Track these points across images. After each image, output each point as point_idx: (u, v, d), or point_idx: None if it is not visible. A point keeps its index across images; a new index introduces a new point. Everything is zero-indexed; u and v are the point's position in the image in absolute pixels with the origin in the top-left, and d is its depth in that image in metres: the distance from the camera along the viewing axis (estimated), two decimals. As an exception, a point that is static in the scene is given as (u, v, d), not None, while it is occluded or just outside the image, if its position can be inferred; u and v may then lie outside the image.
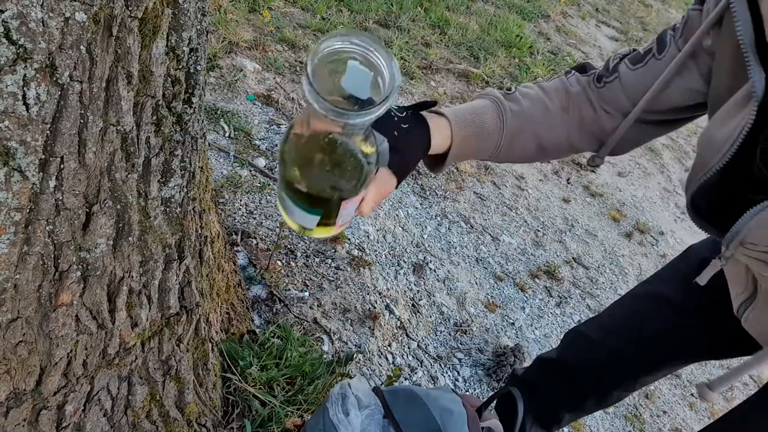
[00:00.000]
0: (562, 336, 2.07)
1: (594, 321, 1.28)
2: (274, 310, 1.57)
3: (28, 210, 0.65)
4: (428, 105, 0.79)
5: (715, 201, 0.75)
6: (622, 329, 1.17)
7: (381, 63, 0.52)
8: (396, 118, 0.72)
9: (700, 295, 1.01)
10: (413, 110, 0.77)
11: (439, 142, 0.80)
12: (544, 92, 0.89)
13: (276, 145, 2.23)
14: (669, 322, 1.09)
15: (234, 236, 1.73)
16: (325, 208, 0.61)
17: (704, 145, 0.74)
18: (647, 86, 0.83)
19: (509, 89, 0.88)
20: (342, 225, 0.68)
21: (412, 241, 2.13)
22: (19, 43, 0.56)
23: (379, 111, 0.50)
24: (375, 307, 1.78)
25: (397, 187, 0.73)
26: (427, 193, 2.43)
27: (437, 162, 0.86)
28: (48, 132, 0.63)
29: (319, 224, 0.65)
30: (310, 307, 1.66)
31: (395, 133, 0.72)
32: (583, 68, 0.91)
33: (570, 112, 0.89)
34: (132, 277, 0.83)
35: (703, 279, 0.86)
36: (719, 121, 0.72)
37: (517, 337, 1.99)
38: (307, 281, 1.74)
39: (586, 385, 1.25)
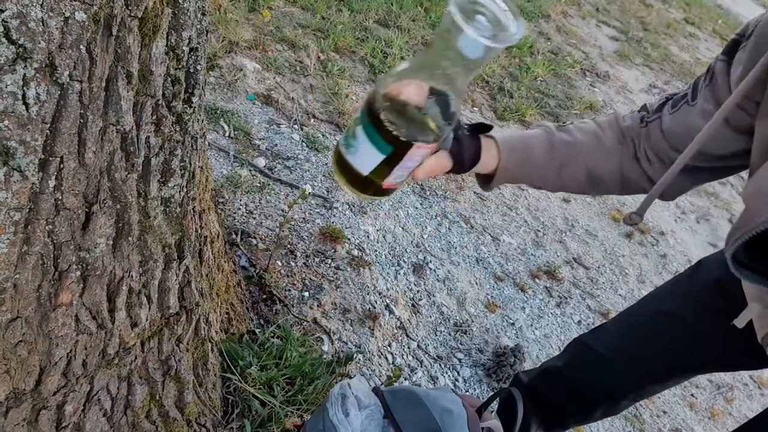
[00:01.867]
0: (562, 336, 2.08)
1: (601, 334, 1.25)
2: (274, 310, 1.57)
3: (27, 210, 0.65)
4: (484, 128, 0.86)
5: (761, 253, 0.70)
6: (632, 347, 1.16)
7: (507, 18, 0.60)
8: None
9: (712, 315, 1.01)
10: (469, 128, 0.84)
11: (487, 159, 0.85)
12: (598, 125, 0.90)
13: (276, 145, 2.24)
14: (681, 341, 1.09)
15: (234, 236, 1.72)
16: (395, 147, 0.66)
17: (753, 196, 0.70)
18: (682, 131, 0.82)
19: (564, 123, 0.91)
20: (392, 184, 0.72)
21: (412, 241, 2.13)
22: (19, 42, 0.56)
23: (505, 44, 0.58)
24: (375, 307, 1.78)
25: (448, 172, 0.82)
26: (427, 193, 2.43)
27: (487, 181, 0.91)
28: (48, 132, 0.63)
29: (375, 170, 0.68)
30: (310, 307, 1.66)
31: (458, 131, 0.80)
32: (642, 107, 0.92)
33: (624, 143, 0.89)
34: (132, 276, 0.83)
35: (741, 323, 0.85)
36: None
37: (517, 337, 1.99)
38: (307, 281, 1.74)
39: (594, 399, 1.25)
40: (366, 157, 0.68)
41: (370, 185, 0.71)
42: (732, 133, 0.79)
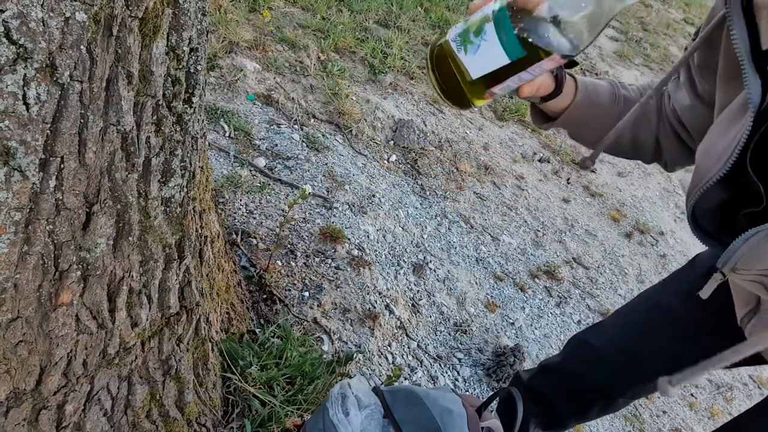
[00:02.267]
0: (562, 336, 2.08)
1: (599, 330, 1.26)
2: (274, 310, 1.57)
3: (28, 210, 0.65)
4: (571, 63, 0.90)
5: (715, 215, 0.74)
6: (629, 342, 1.16)
7: None
8: None
9: (706, 306, 1.00)
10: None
11: (566, 93, 0.88)
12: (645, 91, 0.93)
13: (276, 145, 2.24)
14: (676, 335, 1.09)
15: (234, 236, 1.73)
16: (528, 53, 0.63)
17: (703, 156, 0.74)
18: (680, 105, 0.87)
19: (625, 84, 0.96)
20: (492, 95, 0.70)
21: (412, 241, 2.13)
22: (20, 42, 0.56)
23: None
24: (375, 307, 1.78)
25: (543, 97, 0.85)
26: (427, 193, 2.43)
27: (545, 119, 0.95)
28: (48, 132, 0.63)
29: (489, 75, 0.66)
30: (310, 307, 1.66)
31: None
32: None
33: (660, 112, 0.93)
34: (132, 276, 0.84)
35: (705, 293, 0.85)
36: (717, 131, 0.73)
37: (517, 337, 1.99)
38: (307, 281, 1.74)
39: (591, 395, 1.25)
40: (486, 59, 0.64)
41: (470, 91, 0.68)
42: (701, 106, 0.83)
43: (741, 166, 0.68)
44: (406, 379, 1.66)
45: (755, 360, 0.99)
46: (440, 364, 1.76)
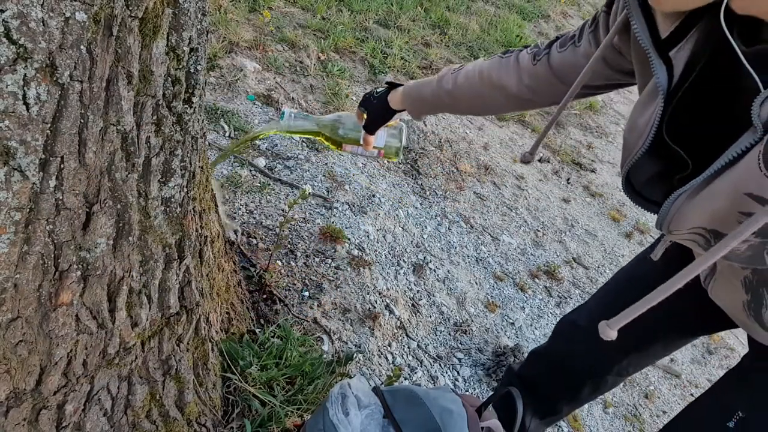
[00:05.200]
0: (561, 335, 2.08)
1: (582, 308, 1.30)
2: (274, 310, 1.57)
3: (28, 209, 0.66)
4: (393, 85, 1.22)
5: (655, 184, 0.81)
6: (607, 312, 1.18)
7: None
8: (372, 98, 1.22)
9: (675, 271, 1.02)
10: (386, 89, 1.22)
11: (396, 105, 1.20)
12: (480, 73, 1.10)
13: (276, 145, 2.24)
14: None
15: (234, 236, 1.72)
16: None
17: (628, 133, 0.82)
18: (568, 69, 0.99)
19: (460, 67, 1.15)
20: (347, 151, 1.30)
21: (412, 241, 2.13)
22: (20, 42, 0.56)
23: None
24: (375, 307, 1.78)
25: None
26: (427, 193, 2.43)
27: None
28: (48, 132, 0.63)
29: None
30: (310, 307, 1.66)
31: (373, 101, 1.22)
32: (534, 46, 1.07)
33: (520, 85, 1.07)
34: (132, 276, 0.84)
35: (656, 254, 0.92)
36: (638, 109, 0.81)
37: (516, 337, 1.99)
38: (307, 281, 1.74)
39: (579, 373, 1.27)
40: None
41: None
42: (610, 71, 0.95)
43: (661, 139, 0.75)
44: (406, 379, 1.66)
45: (729, 323, 1.00)
46: (440, 364, 1.76)
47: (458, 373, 1.77)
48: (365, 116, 1.21)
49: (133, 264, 0.83)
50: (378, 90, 1.22)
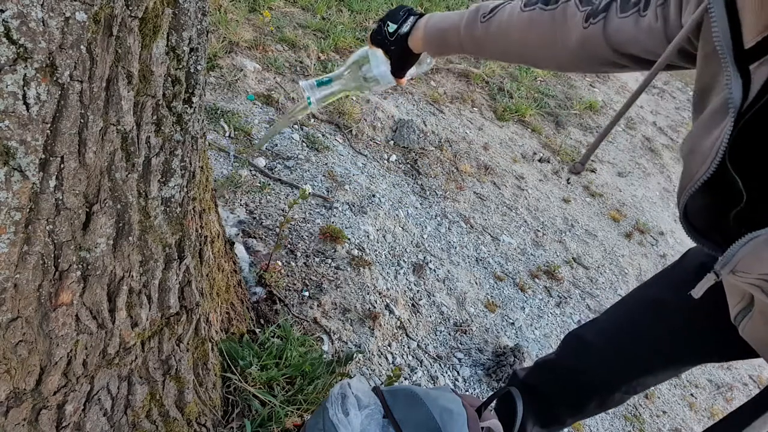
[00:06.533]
0: (562, 336, 2.08)
1: (593, 325, 1.27)
2: (274, 310, 1.57)
3: (28, 209, 0.66)
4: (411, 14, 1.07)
5: (704, 215, 0.74)
6: (621, 334, 1.16)
7: None
8: (388, 40, 1.07)
9: (698, 300, 1.00)
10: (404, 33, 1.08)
11: (417, 48, 1.07)
12: (517, 26, 0.94)
13: (276, 145, 2.24)
14: (668, 326, 1.09)
15: (234, 236, 1.73)
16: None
17: (688, 155, 0.73)
18: (626, 39, 0.83)
19: (492, 10, 0.98)
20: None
21: (412, 241, 2.13)
22: (20, 42, 0.56)
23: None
24: (375, 307, 1.78)
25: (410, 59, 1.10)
26: (427, 193, 2.43)
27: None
28: (48, 132, 0.63)
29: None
30: (310, 307, 1.66)
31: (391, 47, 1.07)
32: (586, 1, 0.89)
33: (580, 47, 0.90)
34: (132, 276, 0.84)
35: (697, 292, 0.83)
36: (701, 130, 0.71)
37: (516, 337, 1.99)
38: (307, 281, 1.74)
39: (586, 389, 1.25)
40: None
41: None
42: (674, 57, 0.81)
43: (722, 164, 0.67)
44: (406, 379, 1.66)
45: (747, 353, 0.99)
46: (440, 364, 1.76)
47: (458, 373, 1.77)
48: (389, 60, 1.08)
49: (133, 264, 0.83)
50: (390, 26, 1.08)
